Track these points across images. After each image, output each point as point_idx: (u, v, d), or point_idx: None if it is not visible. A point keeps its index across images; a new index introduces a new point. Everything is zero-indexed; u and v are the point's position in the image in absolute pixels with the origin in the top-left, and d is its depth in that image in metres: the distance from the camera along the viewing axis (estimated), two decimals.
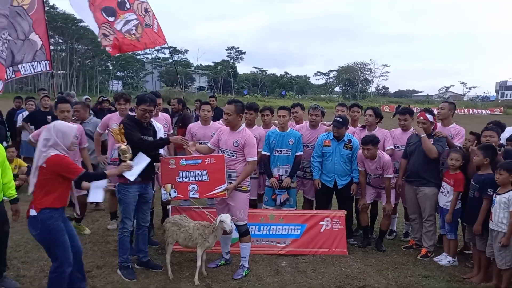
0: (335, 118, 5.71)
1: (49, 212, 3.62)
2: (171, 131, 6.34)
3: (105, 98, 10.46)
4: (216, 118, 7.03)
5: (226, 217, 4.52)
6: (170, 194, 4.77)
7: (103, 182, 4.09)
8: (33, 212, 3.62)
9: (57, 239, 3.66)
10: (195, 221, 4.83)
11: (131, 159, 4.33)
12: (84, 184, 4.09)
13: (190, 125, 6.29)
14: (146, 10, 8.57)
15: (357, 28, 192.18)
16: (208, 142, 5.25)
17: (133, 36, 7.96)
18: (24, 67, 7.76)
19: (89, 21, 7.90)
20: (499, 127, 5.44)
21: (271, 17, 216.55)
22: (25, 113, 8.96)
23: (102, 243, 5.61)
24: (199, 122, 6.27)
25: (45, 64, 8.13)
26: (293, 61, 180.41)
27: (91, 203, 5.82)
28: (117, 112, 6.03)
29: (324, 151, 5.74)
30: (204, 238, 4.58)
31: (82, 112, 6.45)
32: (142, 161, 4.44)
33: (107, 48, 7.73)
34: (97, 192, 4.10)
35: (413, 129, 5.77)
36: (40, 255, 5.04)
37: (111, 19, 7.82)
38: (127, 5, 8.20)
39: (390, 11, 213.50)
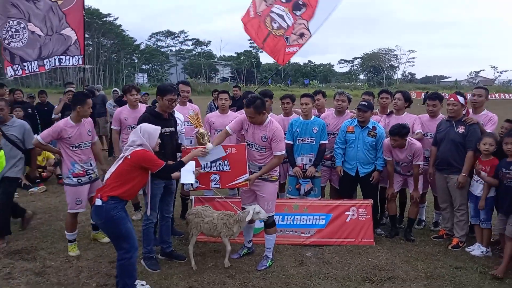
0: (360, 103, 5.52)
1: (114, 203, 3.74)
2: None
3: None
4: (241, 107, 6.91)
5: (260, 208, 4.51)
6: (192, 185, 4.74)
7: (191, 166, 4.23)
8: (99, 202, 3.74)
9: (121, 227, 3.79)
10: (218, 211, 4.79)
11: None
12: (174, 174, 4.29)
13: (208, 114, 6.21)
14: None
15: (380, 15, 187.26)
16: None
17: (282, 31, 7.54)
18: (50, 61, 7.87)
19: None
20: None
21: None
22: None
23: None
24: (217, 111, 6.18)
25: (78, 58, 8.23)
26: (316, 50, 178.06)
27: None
28: (127, 105, 6.03)
29: (347, 137, 5.56)
30: (228, 228, 4.57)
31: (5, 111, 5.29)
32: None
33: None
34: (188, 175, 4.24)
35: (442, 116, 5.54)
36: (66, 246, 5.11)
37: (299, 12, 7.52)
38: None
39: None
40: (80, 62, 8.34)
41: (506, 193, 4.65)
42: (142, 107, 5.93)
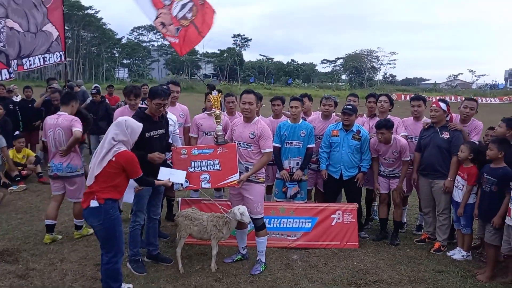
0: (345, 106, 5.59)
1: (111, 203, 3.73)
2: (188, 123, 6.13)
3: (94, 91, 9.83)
4: None
5: (244, 209, 4.52)
6: (182, 184, 4.71)
7: (133, 183, 4.10)
8: (95, 203, 3.68)
9: (117, 229, 3.77)
10: (208, 213, 4.78)
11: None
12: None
13: (196, 116, 6.14)
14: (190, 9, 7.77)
15: (364, 15, 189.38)
16: (213, 133, 5.15)
17: (187, 21, 7.44)
18: (30, 60, 7.67)
19: (145, 7, 7.49)
20: None
21: (275, 4, 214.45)
22: None
23: None
24: (204, 113, 6.14)
25: (60, 55, 8.06)
26: (299, 49, 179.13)
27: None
28: (127, 106, 5.81)
29: (332, 141, 5.62)
30: (218, 230, 4.56)
31: None
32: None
33: (175, 45, 7.47)
34: (129, 193, 4.14)
35: (425, 120, 5.67)
36: (49, 248, 5.03)
37: (167, 2, 7.42)
38: None
39: None
40: (62, 58, 8.20)
41: (484, 199, 4.79)
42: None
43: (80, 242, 5.28)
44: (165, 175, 4.39)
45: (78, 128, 5.26)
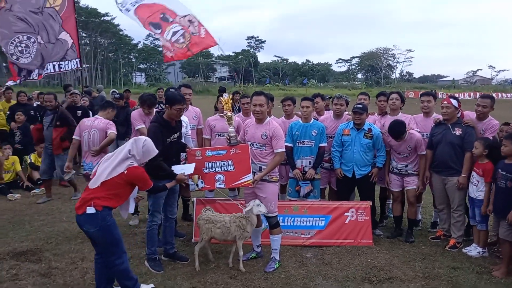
0: (355, 105, 5.62)
1: (108, 210, 3.77)
2: (201, 125, 6.22)
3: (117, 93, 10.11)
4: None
5: (259, 201, 4.62)
6: (197, 185, 4.85)
7: (135, 192, 4.16)
8: (91, 210, 3.69)
9: (114, 233, 3.81)
10: (229, 215, 4.85)
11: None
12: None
13: (209, 118, 6.22)
14: (190, 21, 8.91)
15: (378, 15, 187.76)
16: (226, 134, 5.25)
17: (182, 44, 8.35)
18: (47, 67, 7.95)
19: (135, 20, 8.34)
20: None
21: (287, 6, 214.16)
22: None
23: (130, 235, 5.73)
24: (216, 115, 6.24)
25: (76, 62, 8.33)
26: (314, 49, 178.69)
27: None
28: (141, 109, 5.85)
29: (344, 140, 5.66)
30: (242, 230, 4.64)
31: None
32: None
33: (165, 54, 8.35)
34: (131, 203, 4.18)
35: (435, 115, 5.69)
36: (70, 247, 5.21)
37: (158, 31, 8.23)
38: (170, 19, 8.57)
39: None
40: (78, 65, 8.46)
41: (499, 194, 4.76)
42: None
43: None
44: (178, 171, 4.60)
45: (113, 130, 5.94)
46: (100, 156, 5.59)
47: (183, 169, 4.66)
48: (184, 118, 5.45)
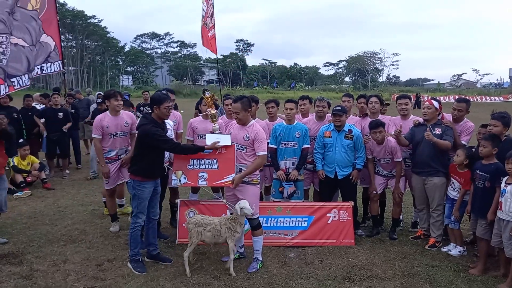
0: (334, 108, 5.70)
1: None
2: (181, 130, 6.24)
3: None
4: None
5: (244, 203, 4.60)
6: (180, 180, 4.86)
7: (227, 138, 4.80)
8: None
9: None
10: (219, 217, 4.87)
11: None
12: None
13: (191, 120, 6.24)
14: (211, 15, 10.15)
15: (365, 18, 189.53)
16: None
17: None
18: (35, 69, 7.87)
19: None
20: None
21: (275, 9, 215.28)
22: None
23: (113, 237, 5.72)
24: (199, 116, 6.27)
25: (59, 64, 8.25)
26: (301, 53, 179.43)
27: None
28: (107, 112, 5.78)
29: (325, 142, 5.75)
30: (233, 231, 4.66)
31: None
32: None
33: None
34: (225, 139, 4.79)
35: (413, 117, 5.85)
36: (52, 250, 5.18)
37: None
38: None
39: (398, 0, 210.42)
40: (61, 67, 8.38)
41: (477, 194, 4.89)
42: (124, 114, 5.84)
43: (82, 244, 5.43)
44: (212, 140, 4.77)
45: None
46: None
47: (218, 138, 4.78)
48: (169, 121, 5.50)
